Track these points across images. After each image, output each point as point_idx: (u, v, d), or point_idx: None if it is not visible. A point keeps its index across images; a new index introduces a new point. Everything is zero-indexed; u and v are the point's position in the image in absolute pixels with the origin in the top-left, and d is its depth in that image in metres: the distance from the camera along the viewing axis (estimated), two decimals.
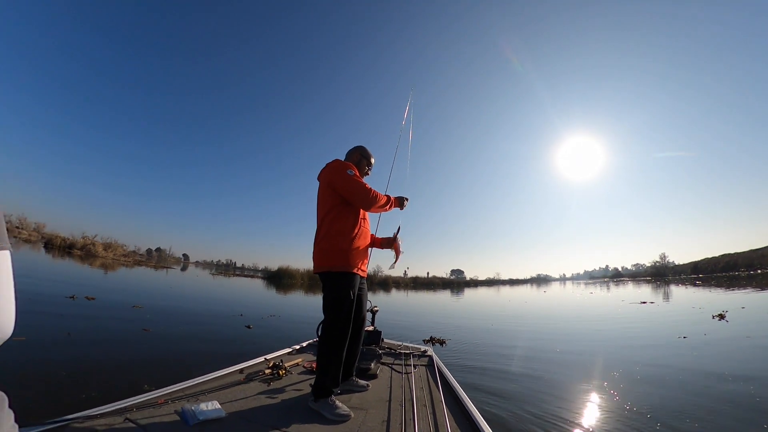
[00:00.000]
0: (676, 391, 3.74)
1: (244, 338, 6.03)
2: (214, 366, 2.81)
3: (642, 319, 10.15)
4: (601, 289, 35.45)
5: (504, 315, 12.73)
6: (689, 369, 4.59)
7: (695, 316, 9.82)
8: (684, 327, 7.94)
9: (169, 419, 1.81)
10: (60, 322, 5.42)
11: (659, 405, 3.35)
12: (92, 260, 25.65)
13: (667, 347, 5.96)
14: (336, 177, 2.41)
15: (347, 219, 2.40)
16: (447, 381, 2.81)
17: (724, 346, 5.94)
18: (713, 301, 14.65)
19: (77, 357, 3.96)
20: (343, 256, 2.32)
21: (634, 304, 14.78)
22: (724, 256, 75.13)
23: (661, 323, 9.08)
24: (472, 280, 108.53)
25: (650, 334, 7.26)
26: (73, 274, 14.26)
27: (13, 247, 0.56)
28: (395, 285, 47.44)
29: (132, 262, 32.64)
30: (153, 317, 6.95)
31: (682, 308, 12.82)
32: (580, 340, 6.95)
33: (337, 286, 2.28)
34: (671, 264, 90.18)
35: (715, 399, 3.50)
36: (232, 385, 2.43)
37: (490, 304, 18.47)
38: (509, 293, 32.93)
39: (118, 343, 4.75)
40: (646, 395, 3.64)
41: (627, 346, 6.16)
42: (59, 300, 7.33)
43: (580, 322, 10.32)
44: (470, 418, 2.09)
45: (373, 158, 2.80)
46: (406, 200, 2.83)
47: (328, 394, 2.14)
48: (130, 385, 3.21)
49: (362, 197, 2.39)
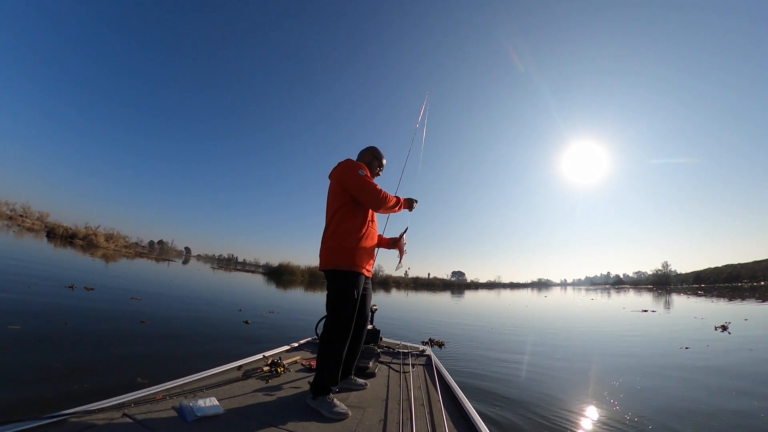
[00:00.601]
0: (678, 403, 3.68)
1: (242, 334, 5.98)
2: (213, 362, 2.80)
3: (643, 327, 10.04)
4: (602, 296, 35.26)
5: (504, 319, 12.64)
6: (691, 380, 4.51)
7: (697, 327, 9.72)
8: (685, 337, 7.86)
9: (167, 415, 1.81)
10: (57, 312, 5.39)
11: (660, 417, 3.29)
12: (93, 250, 25.69)
13: (668, 358, 5.87)
14: (347, 176, 2.43)
15: (356, 218, 2.43)
16: (445, 380, 2.81)
17: (726, 358, 5.85)
18: (715, 312, 14.53)
19: (74, 348, 3.93)
20: (349, 255, 2.33)
21: (635, 312, 14.68)
22: (727, 267, 74.55)
23: (663, 333, 8.98)
24: (473, 283, 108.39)
25: (651, 344, 7.17)
26: (74, 263, 14.26)
27: (16, 235, 0.52)
28: (395, 285, 47.39)
29: (133, 254, 32.73)
30: (151, 309, 6.92)
31: (683, 318, 12.70)
32: (580, 347, 6.87)
33: (342, 284, 2.29)
34: (673, 272, 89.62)
35: (716, 412, 3.44)
36: (230, 382, 2.44)
37: (491, 308, 18.37)
38: (510, 297, 32.76)
39: (116, 335, 4.71)
40: (646, 406, 3.57)
41: (628, 355, 6.08)
42: (58, 289, 7.29)
43: (580, 328, 10.23)
44: (467, 418, 2.09)
45: (384, 159, 2.83)
46: (416, 202, 2.85)
47: (326, 392, 2.15)
48: (126, 379, 3.19)
49: (372, 198, 2.41)
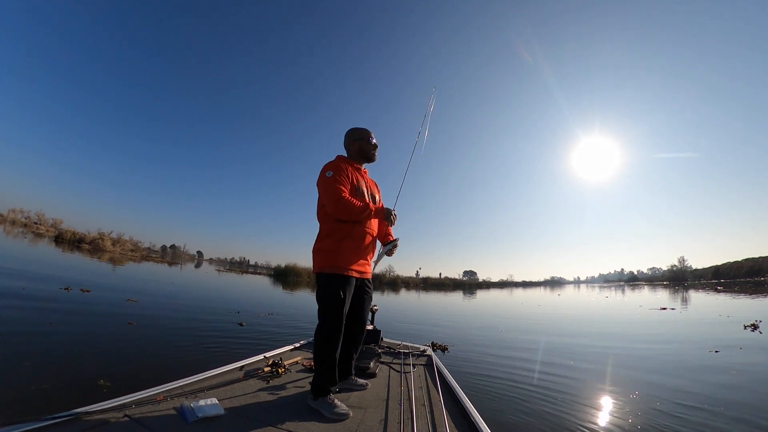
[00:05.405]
0: (713, 420, 3.15)
1: (238, 336, 5.75)
2: (213, 363, 2.78)
3: (664, 327, 9.40)
4: (616, 293, 34.34)
5: (516, 319, 12.11)
6: (729, 396, 3.87)
7: (724, 326, 9.00)
8: (713, 338, 7.22)
9: (169, 416, 1.82)
10: (46, 313, 5.39)
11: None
12: (100, 254, 25.98)
13: (696, 363, 5.29)
14: (318, 179, 2.39)
15: (336, 219, 2.34)
16: (446, 380, 2.80)
17: (765, 362, 5.25)
18: (740, 309, 13.72)
19: (53, 347, 3.90)
20: (332, 257, 2.29)
21: (654, 311, 13.95)
22: (748, 261, 72.12)
23: (686, 334, 8.33)
24: (485, 282, 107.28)
25: (675, 347, 6.56)
26: (76, 267, 14.22)
27: (26, 240, 0.38)
28: (405, 285, 47.02)
29: (139, 257, 33.18)
30: (143, 311, 6.77)
31: (707, 316, 11.91)
32: (595, 351, 6.30)
33: (327, 287, 2.26)
34: (690, 268, 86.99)
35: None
36: (231, 383, 2.44)
37: (502, 308, 17.83)
38: (522, 296, 32.03)
39: (99, 336, 4.66)
40: (672, 424, 3.06)
41: (648, 361, 5.49)
42: (53, 291, 7.24)
43: (595, 329, 9.64)
44: (468, 418, 2.08)
45: (372, 137, 2.54)
46: (394, 215, 2.52)
47: (326, 392, 2.16)
48: (109, 379, 3.06)
49: (331, 203, 2.28)
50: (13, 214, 46.30)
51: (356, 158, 2.54)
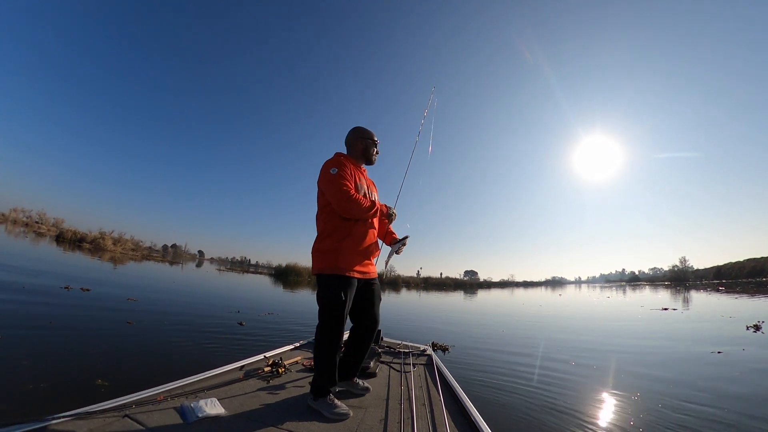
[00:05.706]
0: (716, 422, 3.13)
1: (239, 336, 5.73)
2: (213, 363, 2.76)
3: (666, 328, 9.36)
4: (617, 294, 34.24)
5: (517, 319, 12.07)
6: (733, 398, 3.84)
7: (727, 327, 8.96)
8: (716, 339, 7.19)
9: (169, 416, 1.82)
10: (45, 311, 5.41)
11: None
12: (101, 253, 25.99)
13: (698, 364, 5.27)
14: (321, 177, 2.34)
15: (339, 219, 2.29)
16: (446, 380, 2.79)
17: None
18: (742, 309, 13.67)
19: (52, 349, 3.84)
20: (332, 258, 2.24)
21: (655, 311, 13.90)
22: (750, 261, 71.87)
23: (689, 334, 8.28)
24: (486, 282, 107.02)
25: (677, 347, 6.52)
26: (77, 266, 14.22)
27: (27, 240, 0.38)
28: (405, 285, 47.00)
29: (140, 257, 33.19)
30: (144, 311, 6.76)
31: (709, 317, 11.86)
32: (597, 351, 6.27)
33: (327, 288, 2.23)
34: (691, 268, 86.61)
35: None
36: (231, 383, 2.43)
37: (503, 308, 17.78)
38: (523, 296, 31.93)
39: (98, 335, 4.64)
40: (675, 425, 3.03)
41: (650, 361, 5.47)
42: (53, 290, 7.23)
43: (597, 329, 9.61)
44: (469, 418, 2.07)
45: (376, 137, 2.51)
46: (394, 213, 2.56)
47: (325, 393, 2.15)
48: (121, 379, 3.10)
49: (338, 200, 2.22)
50: (15, 213, 46.34)
51: (358, 157, 2.51)
